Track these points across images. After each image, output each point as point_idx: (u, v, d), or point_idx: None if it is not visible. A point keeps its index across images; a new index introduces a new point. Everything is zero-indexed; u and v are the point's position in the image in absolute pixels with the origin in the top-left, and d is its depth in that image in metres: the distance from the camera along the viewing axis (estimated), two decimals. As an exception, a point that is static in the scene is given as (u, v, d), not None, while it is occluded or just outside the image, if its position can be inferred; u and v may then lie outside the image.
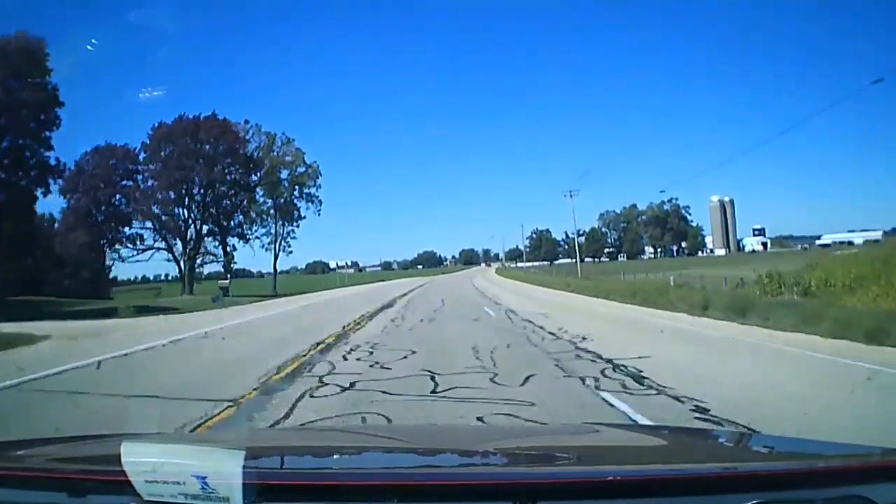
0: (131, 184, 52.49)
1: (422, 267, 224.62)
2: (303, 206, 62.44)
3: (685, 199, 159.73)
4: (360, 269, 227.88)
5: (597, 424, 3.79)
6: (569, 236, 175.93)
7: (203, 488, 1.30)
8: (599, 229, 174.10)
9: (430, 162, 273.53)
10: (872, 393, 6.62)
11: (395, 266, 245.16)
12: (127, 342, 14.34)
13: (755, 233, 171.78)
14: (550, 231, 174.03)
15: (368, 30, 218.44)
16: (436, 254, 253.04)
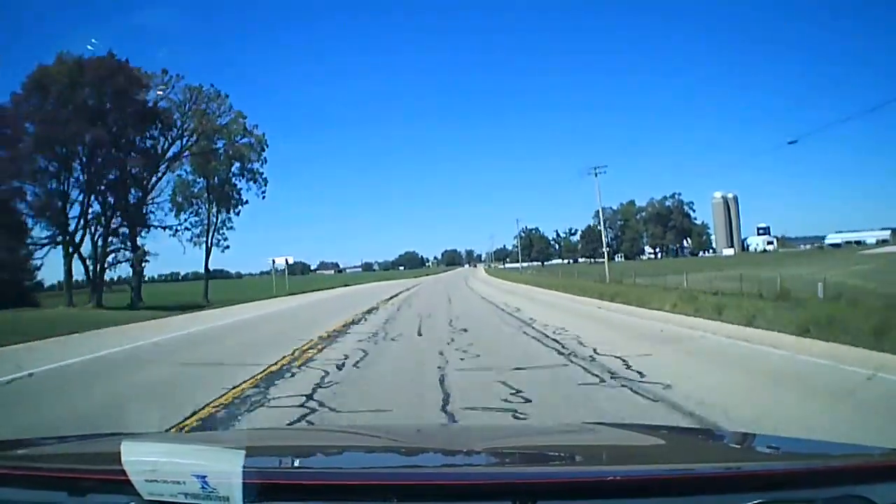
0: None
1: (403, 268, 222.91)
2: (245, 187, 46.96)
3: (687, 195, 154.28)
4: (339, 271, 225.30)
5: (596, 424, 3.78)
6: (560, 235, 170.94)
7: (203, 488, 1.30)
8: (595, 227, 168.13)
9: (413, 162, 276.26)
10: None
11: (376, 267, 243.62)
12: None
13: (759, 231, 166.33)
14: (540, 230, 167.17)
15: (349, 30, 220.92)
16: (418, 254, 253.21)
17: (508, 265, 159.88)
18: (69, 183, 36.58)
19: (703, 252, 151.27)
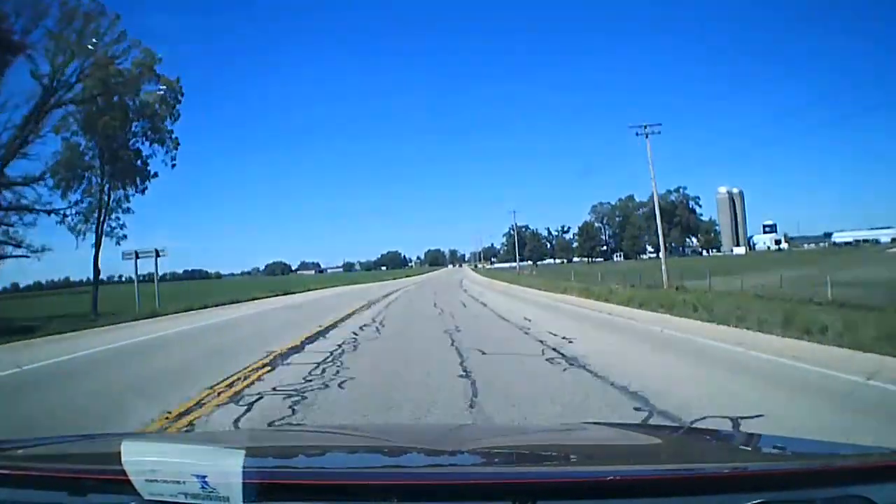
0: None
1: (386, 268, 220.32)
2: (150, 152, 32.93)
3: (692, 189, 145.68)
4: (320, 271, 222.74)
5: (596, 424, 3.78)
6: (551, 233, 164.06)
7: (203, 487, 1.30)
8: (592, 224, 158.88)
9: (396, 162, 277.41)
10: None
11: (357, 267, 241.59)
12: None
13: (766, 229, 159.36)
14: (529, 227, 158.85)
15: (330, 26, 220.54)
16: (400, 254, 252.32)
17: (497, 265, 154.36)
18: None
19: (710, 251, 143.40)
